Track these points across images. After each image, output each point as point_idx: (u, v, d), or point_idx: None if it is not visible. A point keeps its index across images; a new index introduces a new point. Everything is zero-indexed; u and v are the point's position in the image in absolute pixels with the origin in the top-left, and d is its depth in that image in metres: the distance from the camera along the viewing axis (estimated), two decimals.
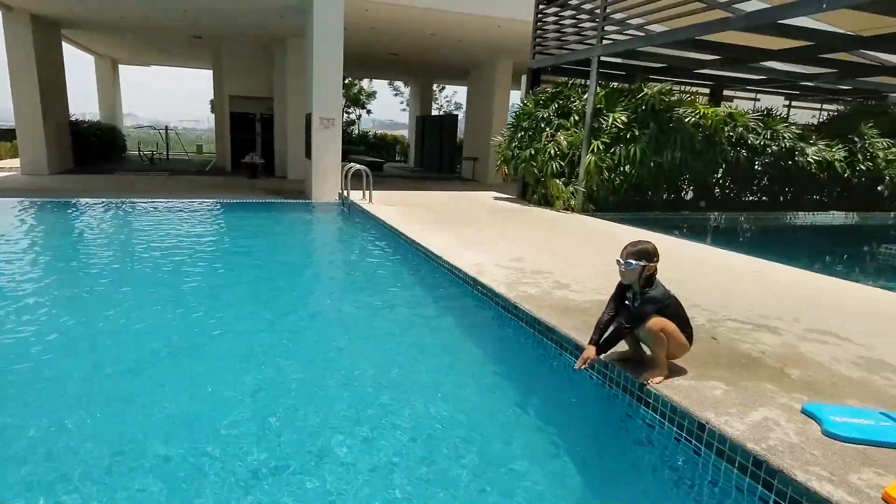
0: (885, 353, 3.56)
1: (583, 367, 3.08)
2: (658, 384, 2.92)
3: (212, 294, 5.16)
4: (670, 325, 2.94)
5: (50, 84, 13.69)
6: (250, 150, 16.18)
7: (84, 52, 20.38)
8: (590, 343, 3.10)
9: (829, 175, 12.10)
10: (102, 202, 9.87)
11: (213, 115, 18.75)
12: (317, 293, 5.68)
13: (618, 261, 3.01)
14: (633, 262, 2.93)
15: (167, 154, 22.19)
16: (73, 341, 3.89)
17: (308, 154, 11.85)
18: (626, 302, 3.08)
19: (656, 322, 2.91)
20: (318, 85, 10.95)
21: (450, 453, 2.68)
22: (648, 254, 2.93)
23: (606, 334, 3.08)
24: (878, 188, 11.98)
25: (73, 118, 16.10)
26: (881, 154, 12.38)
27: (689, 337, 3.04)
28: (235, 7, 11.60)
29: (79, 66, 26.49)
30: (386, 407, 3.11)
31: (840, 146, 12.15)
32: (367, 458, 2.59)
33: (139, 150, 20.72)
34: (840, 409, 2.67)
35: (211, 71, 17.89)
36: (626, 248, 2.99)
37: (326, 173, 11.49)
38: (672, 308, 2.98)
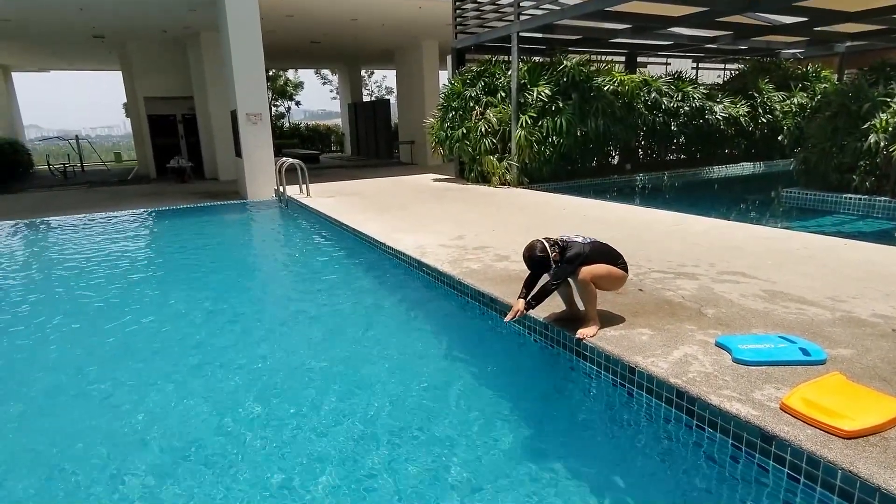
0: (785, 285, 4.05)
1: (513, 320, 3.35)
2: (592, 337, 3.23)
3: (166, 301, 5.08)
4: (599, 269, 3.21)
5: None
6: (175, 154, 15.48)
7: None
8: (519, 297, 3.35)
9: (735, 129, 13.08)
10: (18, 223, 9.28)
11: (129, 119, 17.72)
12: (265, 292, 5.69)
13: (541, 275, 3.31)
14: (548, 273, 3.24)
15: (82, 166, 20.81)
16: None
17: (238, 153, 11.54)
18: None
19: (585, 272, 3.18)
20: (240, 79, 10.64)
21: (421, 424, 2.88)
22: (545, 258, 3.16)
23: (535, 290, 3.33)
24: (779, 138, 13.05)
25: None
26: (778, 107, 13.49)
27: (623, 266, 3.34)
28: (138, 1, 10.97)
29: None
30: (354, 395, 3.27)
31: (743, 102, 13.14)
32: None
33: (49, 165, 19.27)
34: (747, 338, 3.06)
35: (120, 72, 16.87)
36: (527, 263, 3.26)
37: (259, 171, 11.25)
38: (594, 252, 3.25)
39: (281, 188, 10.69)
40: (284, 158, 10.72)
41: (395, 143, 21.36)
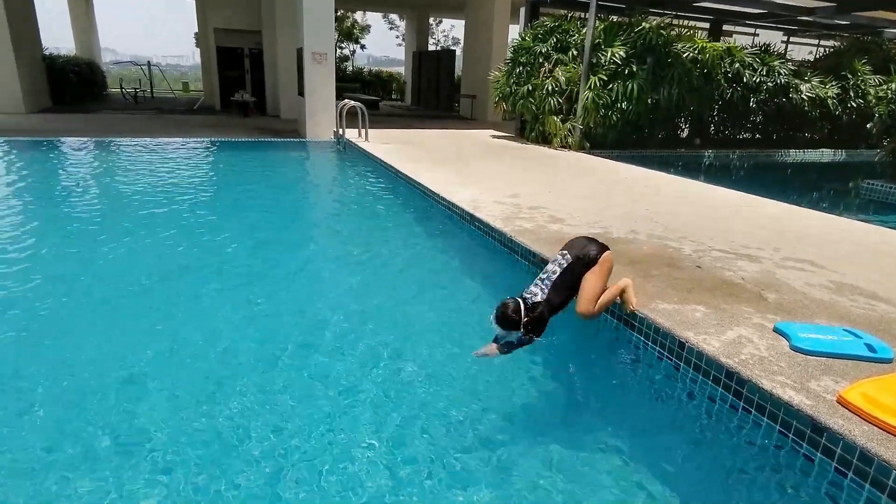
0: (856, 278, 3.83)
1: (479, 357, 3.03)
2: (636, 307, 3.13)
3: (214, 229, 5.31)
4: (592, 292, 3.01)
5: (16, 14, 12.52)
6: (240, 88, 15.78)
7: None
8: (493, 341, 3.00)
9: (821, 112, 12.13)
10: (94, 142, 9.78)
11: (199, 50, 18.09)
12: (318, 232, 5.84)
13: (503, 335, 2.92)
14: (516, 335, 2.85)
15: (151, 92, 21.55)
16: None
17: (301, 91, 11.64)
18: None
19: (586, 308, 3.00)
20: (309, 17, 10.61)
21: (460, 384, 2.94)
22: (517, 321, 2.79)
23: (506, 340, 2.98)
24: (868, 125, 12.02)
25: (46, 52, 14.95)
26: (872, 91, 12.36)
27: (598, 250, 3.08)
28: None
29: None
30: (391, 345, 3.36)
31: (833, 83, 12.10)
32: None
33: (121, 88, 20.03)
34: (808, 327, 2.93)
35: (193, 1, 17.12)
36: (497, 321, 2.83)
37: (320, 111, 11.34)
38: (558, 296, 2.97)
39: (340, 130, 10.77)
40: (346, 101, 10.75)
41: (456, 96, 21.00)
